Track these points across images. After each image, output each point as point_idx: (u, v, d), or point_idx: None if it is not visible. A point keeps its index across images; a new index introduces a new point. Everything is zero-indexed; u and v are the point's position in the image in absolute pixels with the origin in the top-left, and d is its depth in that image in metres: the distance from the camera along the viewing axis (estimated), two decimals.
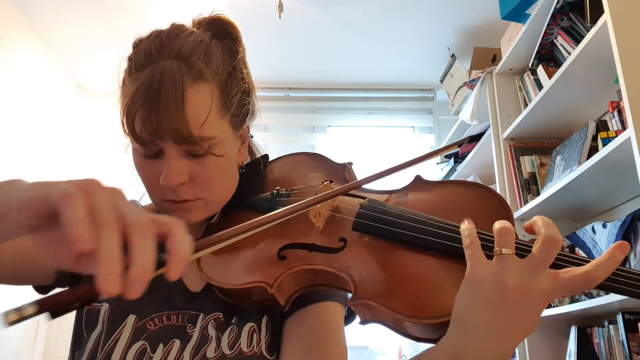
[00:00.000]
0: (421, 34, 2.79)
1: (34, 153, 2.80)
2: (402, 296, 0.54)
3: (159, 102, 0.61)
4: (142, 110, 0.61)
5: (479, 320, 0.48)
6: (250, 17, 2.64)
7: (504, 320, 0.48)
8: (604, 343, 1.65)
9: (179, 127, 0.61)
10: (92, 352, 0.65)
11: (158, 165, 0.64)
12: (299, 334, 0.68)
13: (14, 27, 2.62)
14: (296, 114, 3.29)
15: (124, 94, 0.66)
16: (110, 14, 2.64)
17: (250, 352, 0.67)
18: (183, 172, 0.64)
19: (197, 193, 0.66)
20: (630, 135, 1.39)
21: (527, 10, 2.10)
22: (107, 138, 3.23)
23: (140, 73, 0.65)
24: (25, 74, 2.71)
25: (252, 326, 0.69)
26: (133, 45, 0.71)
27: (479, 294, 0.48)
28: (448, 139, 2.96)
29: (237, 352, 0.66)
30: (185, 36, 0.68)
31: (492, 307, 0.48)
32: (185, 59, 0.65)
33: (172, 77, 0.62)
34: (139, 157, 0.67)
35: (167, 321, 0.67)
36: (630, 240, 1.65)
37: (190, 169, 0.65)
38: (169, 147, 0.63)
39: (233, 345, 0.67)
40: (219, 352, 0.66)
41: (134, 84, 0.64)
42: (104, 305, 0.68)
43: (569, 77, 1.79)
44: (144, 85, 0.62)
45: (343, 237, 0.63)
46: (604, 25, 1.53)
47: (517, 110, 2.26)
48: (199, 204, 0.67)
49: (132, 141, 0.65)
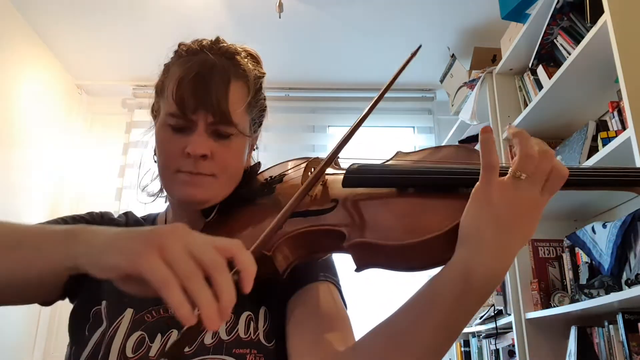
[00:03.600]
0: (421, 34, 2.79)
1: (34, 153, 2.80)
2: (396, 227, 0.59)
3: (210, 78, 0.72)
4: (194, 82, 0.72)
5: (489, 236, 0.52)
6: (250, 17, 2.64)
7: (511, 234, 0.53)
8: (604, 343, 1.65)
9: (222, 103, 0.72)
10: (96, 345, 0.66)
11: (184, 140, 0.72)
12: (301, 313, 0.70)
13: (14, 27, 2.62)
14: (296, 114, 3.29)
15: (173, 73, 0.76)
16: (111, 14, 2.63)
17: (248, 338, 0.68)
18: (208, 147, 0.72)
19: (212, 169, 0.73)
20: (630, 135, 1.39)
21: (527, 10, 2.10)
22: (107, 138, 3.24)
23: (193, 57, 0.76)
24: (25, 74, 2.71)
25: (249, 315, 0.70)
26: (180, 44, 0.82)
27: (491, 213, 0.52)
28: (448, 139, 2.96)
29: (234, 337, 0.68)
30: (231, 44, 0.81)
31: (503, 224, 0.52)
32: (232, 58, 0.77)
33: (222, 65, 0.75)
34: (166, 131, 0.74)
35: (165, 313, 0.69)
36: (630, 240, 1.65)
37: (213, 147, 0.73)
38: (201, 122, 0.72)
39: (230, 331, 0.68)
40: (217, 338, 0.67)
41: (187, 63, 0.74)
42: (103, 302, 0.70)
43: (569, 77, 1.79)
44: (199, 62, 0.74)
45: (335, 198, 0.67)
46: (604, 25, 1.53)
47: (517, 110, 2.26)
48: (209, 180, 0.74)
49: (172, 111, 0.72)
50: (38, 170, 2.83)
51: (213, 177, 0.74)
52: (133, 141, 3.18)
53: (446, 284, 0.54)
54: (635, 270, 1.56)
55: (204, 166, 0.73)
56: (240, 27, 2.71)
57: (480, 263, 0.52)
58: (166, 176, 0.76)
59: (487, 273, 0.53)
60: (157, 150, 0.77)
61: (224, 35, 0.83)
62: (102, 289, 0.72)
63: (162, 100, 0.78)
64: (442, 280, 0.55)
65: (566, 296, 1.89)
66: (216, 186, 0.75)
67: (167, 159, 0.74)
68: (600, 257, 1.74)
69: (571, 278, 1.92)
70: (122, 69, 3.13)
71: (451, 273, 0.54)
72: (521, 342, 1.98)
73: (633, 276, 1.52)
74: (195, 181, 0.73)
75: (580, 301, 1.69)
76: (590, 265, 1.82)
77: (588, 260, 1.83)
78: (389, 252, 0.56)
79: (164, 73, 0.79)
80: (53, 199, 2.96)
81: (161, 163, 0.76)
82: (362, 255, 0.58)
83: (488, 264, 0.52)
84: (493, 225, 0.52)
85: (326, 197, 0.68)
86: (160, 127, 0.76)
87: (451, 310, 0.54)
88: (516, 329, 2.00)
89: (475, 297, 0.54)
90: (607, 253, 1.69)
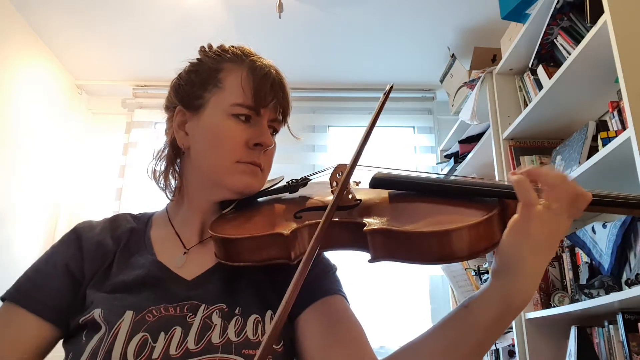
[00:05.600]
0: (421, 34, 2.79)
1: (34, 153, 2.79)
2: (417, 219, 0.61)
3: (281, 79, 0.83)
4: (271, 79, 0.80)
5: (529, 263, 0.56)
6: (250, 17, 2.64)
7: (545, 259, 0.58)
8: (604, 343, 1.65)
9: (287, 103, 0.83)
10: (92, 352, 0.64)
11: (249, 130, 0.79)
12: (318, 325, 0.71)
13: (14, 26, 2.62)
14: (296, 114, 3.27)
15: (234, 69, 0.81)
16: (111, 14, 2.63)
17: (256, 339, 0.68)
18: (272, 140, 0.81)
19: (265, 163, 0.81)
20: (630, 135, 1.39)
21: (527, 10, 2.10)
22: (107, 138, 3.23)
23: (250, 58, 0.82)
24: (25, 73, 2.71)
25: (257, 317, 0.70)
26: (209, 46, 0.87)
27: (531, 244, 0.56)
28: (448, 139, 2.97)
29: (243, 339, 0.67)
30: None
31: (540, 251, 0.57)
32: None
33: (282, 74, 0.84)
34: (232, 121, 0.78)
35: (165, 312, 0.68)
36: (630, 240, 1.65)
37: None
38: (266, 116, 0.80)
39: (239, 333, 0.68)
40: (225, 337, 0.67)
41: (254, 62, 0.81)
42: (96, 310, 0.68)
43: (569, 77, 1.79)
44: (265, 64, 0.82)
45: (359, 198, 0.70)
46: (604, 25, 1.53)
47: (517, 110, 2.26)
48: (260, 173, 0.80)
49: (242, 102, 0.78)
50: (38, 170, 2.82)
51: (262, 171, 0.80)
52: (133, 141, 3.18)
53: (488, 309, 0.59)
54: (635, 270, 1.56)
55: (262, 159, 0.80)
56: (240, 27, 2.71)
57: (521, 289, 0.57)
58: (224, 165, 0.78)
59: (525, 296, 0.58)
60: (210, 140, 0.79)
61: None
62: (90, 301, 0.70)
63: (216, 92, 0.80)
64: (482, 304, 0.60)
65: (566, 296, 1.88)
66: (263, 179, 0.82)
67: (229, 148, 0.77)
68: (600, 257, 1.74)
69: (571, 278, 1.92)
70: (122, 69, 3.13)
71: (492, 298, 0.59)
72: (521, 342, 1.98)
73: (633, 276, 1.52)
74: (255, 172, 0.79)
75: (580, 301, 1.69)
76: (590, 265, 1.82)
77: (588, 260, 1.83)
78: (406, 241, 0.58)
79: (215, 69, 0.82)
80: (53, 199, 2.96)
81: (217, 152, 0.78)
82: (379, 244, 0.60)
83: (527, 289, 0.58)
84: (533, 253, 0.56)
85: (351, 196, 0.71)
86: (221, 117, 0.78)
87: (490, 331, 0.60)
88: (516, 329, 2.00)
89: (512, 317, 0.59)
90: (607, 253, 1.69)
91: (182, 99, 0.83)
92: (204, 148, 0.79)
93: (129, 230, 0.82)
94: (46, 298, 0.72)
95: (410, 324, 2.84)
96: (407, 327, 2.84)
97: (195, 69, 0.84)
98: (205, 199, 0.82)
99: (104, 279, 0.74)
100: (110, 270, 0.75)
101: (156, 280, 0.73)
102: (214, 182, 0.79)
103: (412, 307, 2.90)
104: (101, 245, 0.78)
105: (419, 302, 2.92)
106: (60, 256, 0.76)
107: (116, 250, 0.78)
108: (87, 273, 0.74)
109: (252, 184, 0.78)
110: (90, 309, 0.69)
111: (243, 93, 0.78)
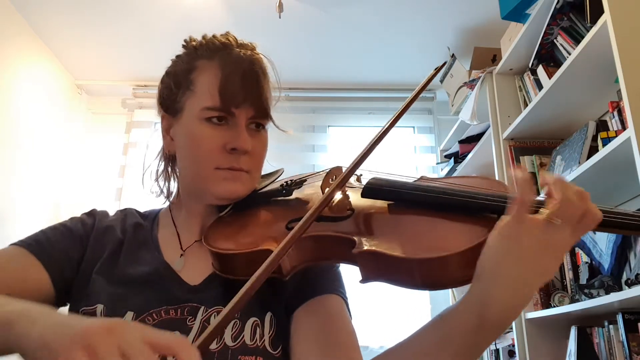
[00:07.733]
0: (421, 34, 2.79)
1: (34, 153, 2.79)
2: (409, 242, 0.57)
3: (254, 73, 0.75)
4: (241, 77, 0.74)
5: (508, 271, 0.51)
6: (250, 17, 2.64)
7: (532, 272, 0.51)
8: (604, 343, 1.65)
9: (264, 98, 0.76)
10: None
11: (224, 133, 0.73)
12: (310, 323, 0.70)
13: (13, 26, 2.62)
14: (296, 114, 3.28)
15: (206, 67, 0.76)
16: (111, 14, 2.63)
17: (254, 345, 0.67)
18: (250, 142, 0.74)
19: (249, 165, 0.75)
20: (630, 135, 1.39)
21: (527, 10, 2.10)
22: (107, 138, 3.23)
23: (224, 52, 0.77)
24: (25, 73, 2.71)
25: (255, 321, 0.69)
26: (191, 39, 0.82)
27: (515, 249, 0.50)
28: (448, 139, 2.96)
29: (240, 344, 0.66)
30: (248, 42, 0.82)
31: (525, 261, 0.51)
32: (256, 53, 0.80)
33: (257, 59, 0.77)
34: (205, 126, 0.74)
35: (166, 315, 0.68)
36: (630, 240, 1.65)
37: (252, 143, 0.75)
38: (242, 116, 0.74)
39: (236, 337, 0.67)
40: (222, 343, 0.66)
41: (225, 58, 0.76)
42: (99, 306, 0.68)
43: (569, 77, 1.79)
44: (238, 58, 0.76)
45: (352, 207, 0.67)
46: (604, 25, 1.53)
47: (517, 110, 2.26)
48: (245, 176, 0.76)
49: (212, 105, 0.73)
50: (38, 170, 2.82)
51: (248, 174, 0.76)
52: (133, 141, 3.18)
53: (461, 319, 0.54)
54: (635, 270, 1.57)
55: (244, 162, 0.74)
56: (240, 27, 2.71)
57: (496, 298, 0.51)
58: (202, 173, 0.75)
59: (502, 309, 0.51)
60: (189, 147, 0.75)
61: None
62: (95, 291, 0.70)
63: (189, 96, 0.76)
64: (456, 314, 0.55)
65: (566, 296, 1.88)
66: (250, 182, 0.77)
67: (205, 156, 0.74)
68: (600, 257, 1.74)
69: (571, 278, 1.92)
70: (122, 69, 3.13)
71: (466, 307, 0.54)
72: (521, 342, 1.98)
73: (633, 276, 1.52)
74: (237, 177, 0.74)
75: (580, 301, 1.69)
76: (590, 265, 1.82)
77: (588, 260, 1.83)
78: (397, 265, 0.54)
79: (187, 69, 0.78)
80: (53, 199, 2.96)
81: (195, 160, 0.75)
82: (369, 265, 0.57)
83: (503, 300, 0.51)
84: (514, 261, 0.51)
85: (343, 205, 0.67)
86: (195, 122, 0.74)
87: (467, 344, 0.54)
88: (516, 328, 2.00)
89: (491, 331, 0.53)
90: (607, 253, 1.69)
91: (162, 102, 0.82)
92: (185, 155, 0.77)
93: (136, 224, 0.82)
94: (55, 252, 0.73)
95: (410, 324, 2.84)
96: (407, 327, 2.83)
97: (172, 69, 0.81)
98: (199, 203, 0.81)
99: (112, 267, 0.74)
100: (118, 259, 0.75)
101: (160, 279, 0.73)
102: (199, 189, 0.78)
103: (412, 307, 2.90)
104: (110, 230, 0.79)
105: (419, 302, 2.92)
106: (76, 226, 0.79)
107: (123, 239, 0.78)
108: (88, 251, 0.76)
109: (235, 190, 0.75)
110: (93, 301, 0.69)
111: (211, 95, 0.73)
